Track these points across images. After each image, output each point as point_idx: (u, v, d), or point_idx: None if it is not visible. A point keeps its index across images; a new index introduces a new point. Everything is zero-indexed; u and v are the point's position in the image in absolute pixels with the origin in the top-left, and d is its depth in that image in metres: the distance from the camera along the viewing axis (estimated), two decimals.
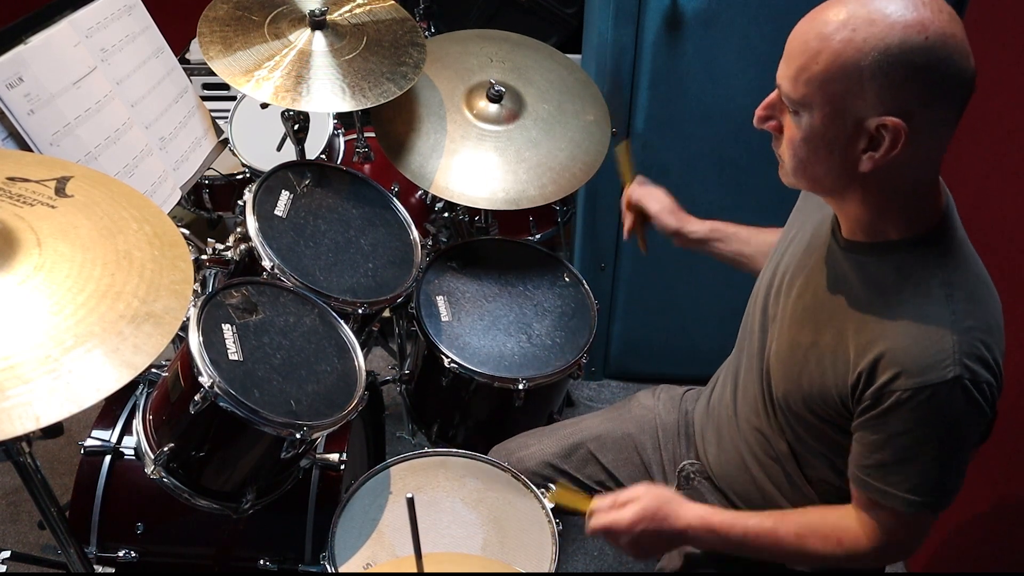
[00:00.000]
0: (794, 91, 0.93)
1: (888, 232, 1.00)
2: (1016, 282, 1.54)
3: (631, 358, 2.45)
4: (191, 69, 2.50)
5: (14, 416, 0.80)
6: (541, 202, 1.70)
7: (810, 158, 0.96)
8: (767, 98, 1.00)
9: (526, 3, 2.60)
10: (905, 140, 0.89)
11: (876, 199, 0.98)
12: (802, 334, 1.09)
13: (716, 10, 1.82)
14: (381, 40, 1.69)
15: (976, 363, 0.93)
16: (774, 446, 1.19)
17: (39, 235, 0.95)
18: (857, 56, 0.87)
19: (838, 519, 1.08)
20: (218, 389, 1.16)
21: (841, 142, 0.93)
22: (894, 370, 0.95)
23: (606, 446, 1.46)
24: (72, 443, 2.17)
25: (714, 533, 1.12)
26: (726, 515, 1.13)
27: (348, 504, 1.35)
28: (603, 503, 1.17)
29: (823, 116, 0.92)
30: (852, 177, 0.95)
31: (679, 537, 1.14)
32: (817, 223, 1.13)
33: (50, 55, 1.33)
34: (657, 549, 1.16)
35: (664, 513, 1.13)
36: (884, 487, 1.01)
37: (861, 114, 0.90)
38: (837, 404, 1.04)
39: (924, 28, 0.85)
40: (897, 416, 0.96)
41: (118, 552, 1.38)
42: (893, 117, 0.88)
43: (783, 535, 1.10)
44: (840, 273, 1.05)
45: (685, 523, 1.13)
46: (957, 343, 0.93)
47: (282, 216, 1.52)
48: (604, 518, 1.15)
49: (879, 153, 0.91)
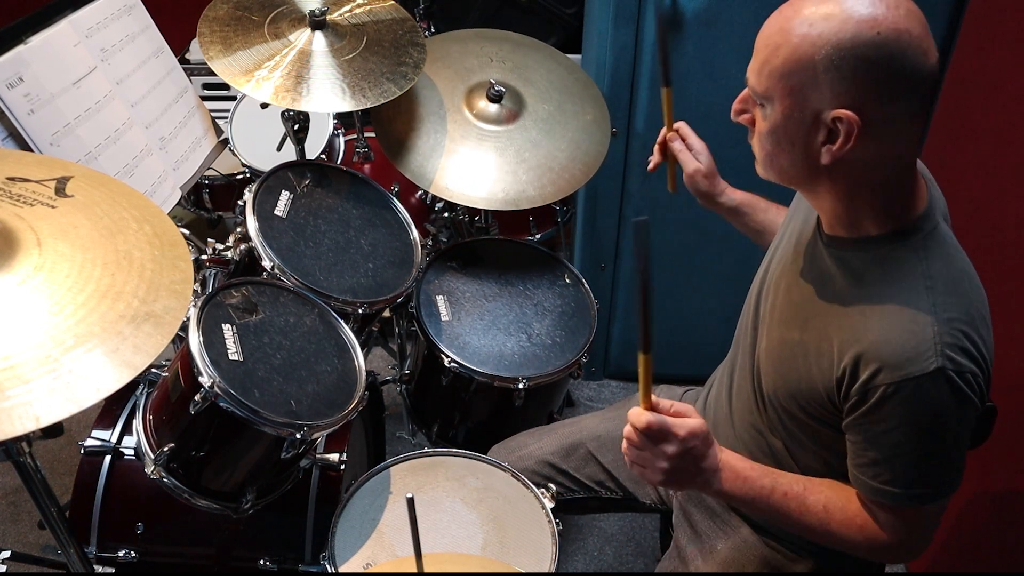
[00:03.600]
0: (759, 84, 0.96)
1: (866, 226, 1.01)
2: (1016, 282, 1.54)
3: (631, 358, 2.44)
4: (191, 69, 2.50)
5: (14, 416, 0.80)
6: (541, 203, 1.70)
7: (775, 150, 0.99)
8: (742, 92, 1.02)
9: (526, 3, 2.60)
10: (859, 133, 0.91)
11: (845, 192, 0.99)
12: (789, 331, 1.09)
13: (716, 10, 1.83)
14: (381, 40, 1.69)
15: (959, 353, 0.93)
16: (769, 443, 1.19)
17: (39, 235, 0.95)
18: (812, 50, 0.90)
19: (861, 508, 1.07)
20: (218, 389, 1.16)
21: (801, 134, 0.95)
22: (876, 365, 0.95)
23: (606, 446, 1.46)
24: (72, 443, 2.18)
25: (743, 480, 1.08)
26: (756, 466, 1.10)
27: (348, 504, 1.35)
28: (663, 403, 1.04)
29: (783, 108, 0.95)
30: (816, 169, 0.97)
31: (711, 472, 1.07)
32: (805, 221, 1.14)
33: (50, 55, 1.33)
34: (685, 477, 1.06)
35: (711, 440, 1.07)
36: (879, 485, 1.01)
37: (817, 106, 0.92)
38: (824, 400, 1.04)
39: (877, 24, 0.87)
40: (884, 411, 0.96)
41: (118, 552, 1.38)
42: (846, 110, 0.90)
43: (812, 504, 1.07)
44: (823, 269, 1.06)
45: (722, 459, 1.08)
46: (938, 334, 0.93)
47: (282, 216, 1.52)
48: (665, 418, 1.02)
49: (836, 145, 0.93)
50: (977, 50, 1.75)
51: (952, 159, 1.84)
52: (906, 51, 0.88)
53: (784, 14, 0.94)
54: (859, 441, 1.02)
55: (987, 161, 1.69)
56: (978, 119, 1.73)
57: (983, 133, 1.71)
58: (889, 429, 0.97)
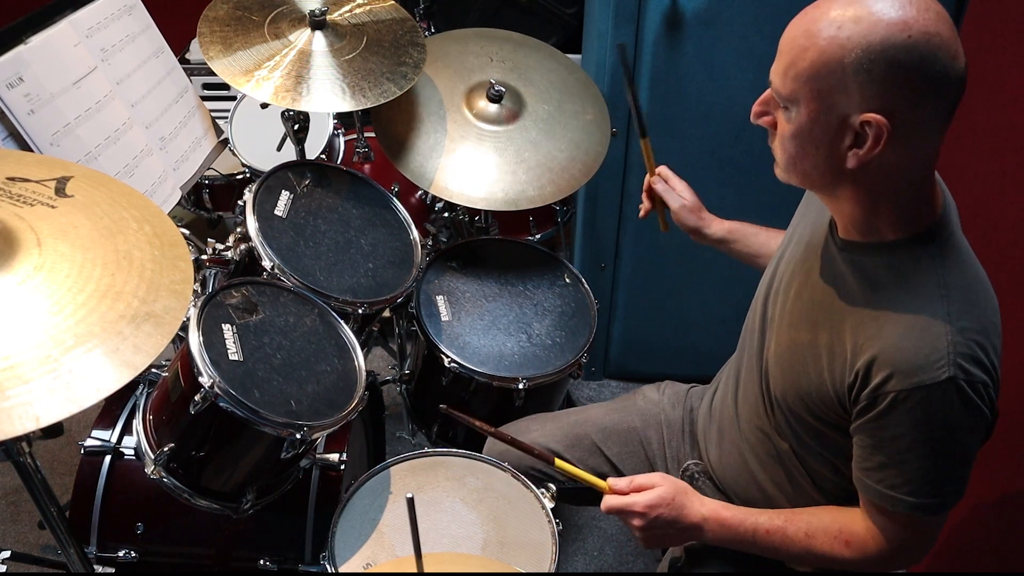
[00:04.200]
0: (783, 87, 0.95)
1: (883, 231, 1.00)
2: (1016, 282, 1.54)
3: (631, 358, 2.45)
4: (191, 69, 2.50)
5: (14, 416, 0.80)
6: (540, 203, 1.70)
7: (799, 153, 0.98)
8: (763, 94, 1.01)
9: (526, 3, 2.60)
10: (888, 137, 0.90)
11: (868, 197, 0.98)
12: (799, 334, 1.09)
13: (716, 10, 1.82)
14: (381, 40, 1.69)
15: (971, 363, 0.93)
16: (776, 446, 1.19)
17: (39, 235, 0.95)
18: (841, 53, 0.88)
19: (848, 521, 1.08)
20: (218, 389, 1.16)
21: (827, 138, 0.94)
22: (888, 371, 0.95)
23: (611, 438, 1.45)
24: (72, 443, 2.17)
25: (726, 528, 1.12)
26: (738, 511, 1.13)
27: (348, 504, 1.35)
28: (619, 483, 1.15)
29: (810, 112, 0.93)
30: (840, 173, 0.96)
31: (692, 529, 1.13)
32: (816, 224, 1.13)
33: (50, 55, 1.32)
34: (667, 539, 1.15)
35: (680, 503, 1.12)
36: (885, 490, 1.00)
37: (845, 111, 0.91)
38: (835, 404, 1.04)
39: (907, 27, 0.86)
40: (893, 418, 0.96)
41: (118, 552, 1.38)
42: (876, 114, 0.89)
43: (792, 534, 1.10)
44: (837, 273, 1.05)
45: (700, 515, 1.12)
46: (951, 343, 0.93)
47: (282, 216, 1.52)
48: (622, 499, 1.13)
49: (863, 150, 0.92)
50: (977, 50, 1.75)
51: (952, 159, 1.84)
52: (937, 54, 0.86)
53: (810, 15, 0.92)
54: (867, 445, 1.01)
55: (987, 161, 1.69)
56: (978, 119, 1.73)
57: (983, 133, 1.71)
58: (898, 435, 0.97)
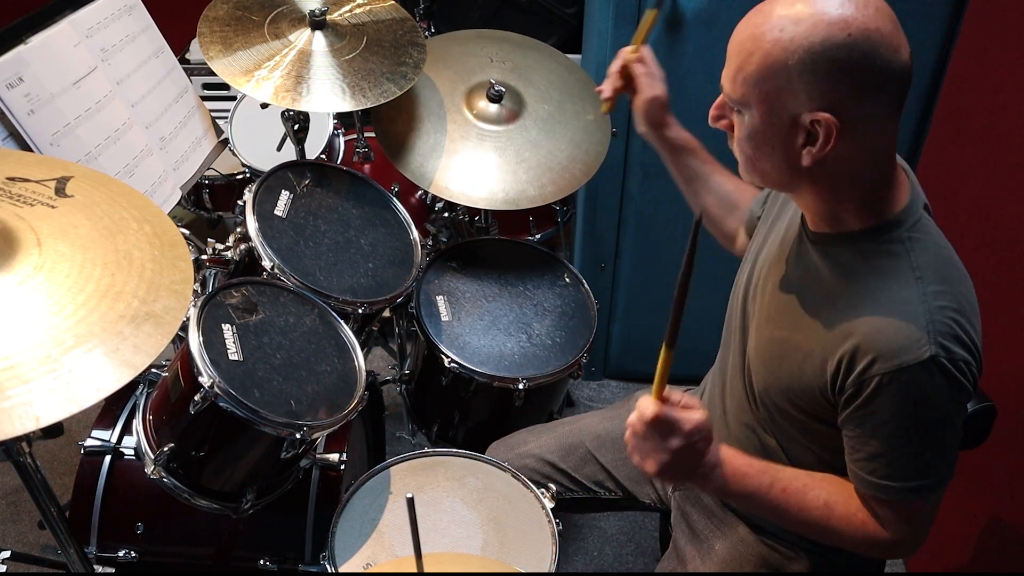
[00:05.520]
0: (734, 91, 0.97)
1: (849, 222, 1.01)
2: (1016, 281, 1.54)
3: (631, 358, 2.45)
4: (191, 69, 2.50)
5: (14, 416, 0.80)
6: (541, 202, 1.70)
7: (756, 154, 1.00)
8: (718, 99, 1.02)
9: (526, 3, 2.60)
10: (838, 134, 0.91)
11: (829, 191, 1.00)
12: (779, 329, 1.10)
13: (716, 10, 1.83)
14: (381, 40, 1.69)
15: (951, 341, 0.94)
16: (762, 441, 1.19)
17: (39, 235, 0.95)
18: (785, 55, 0.90)
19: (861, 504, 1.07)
20: (218, 389, 1.16)
21: (781, 138, 0.96)
22: (871, 356, 0.95)
23: (605, 446, 1.46)
24: (72, 443, 2.18)
25: (741, 475, 1.07)
26: (756, 462, 1.09)
27: (348, 504, 1.35)
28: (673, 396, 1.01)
29: (761, 114, 0.95)
30: (798, 171, 0.97)
31: (712, 468, 1.05)
32: (791, 220, 1.14)
33: (50, 55, 1.33)
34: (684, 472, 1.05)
35: (711, 436, 1.04)
36: (878, 480, 1.01)
37: (795, 110, 0.92)
38: (817, 396, 1.04)
39: (847, 25, 0.88)
40: (880, 403, 0.97)
41: (118, 552, 1.38)
42: (824, 112, 0.91)
43: (811, 500, 1.07)
44: (811, 265, 1.06)
45: (723, 455, 1.06)
46: (930, 323, 0.94)
47: (282, 216, 1.52)
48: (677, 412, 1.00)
49: (816, 148, 0.93)
50: (977, 50, 1.75)
51: (952, 159, 1.84)
52: (878, 49, 0.88)
53: (755, 19, 0.95)
54: (856, 435, 1.02)
55: (987, 161, 1.69)
56: (978, 119, 1.73)
57: (983, 133, 1.71)
58: (886, 420, 0.97)
